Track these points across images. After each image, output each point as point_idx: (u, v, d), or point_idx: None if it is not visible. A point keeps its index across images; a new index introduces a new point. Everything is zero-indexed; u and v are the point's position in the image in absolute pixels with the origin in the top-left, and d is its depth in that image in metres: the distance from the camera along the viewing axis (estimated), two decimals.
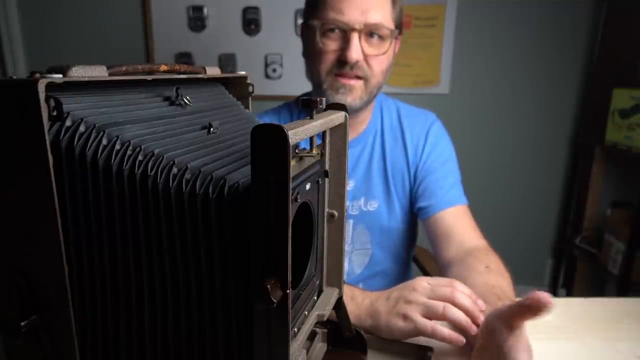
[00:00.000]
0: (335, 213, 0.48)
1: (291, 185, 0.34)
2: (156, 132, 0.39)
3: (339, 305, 0.51)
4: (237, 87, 0.57)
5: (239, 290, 0.35)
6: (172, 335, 0.38)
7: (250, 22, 1.83)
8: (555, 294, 2.13)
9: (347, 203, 0.88)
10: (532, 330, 0.66)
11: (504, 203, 2.06)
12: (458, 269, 0.73)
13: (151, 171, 0.35)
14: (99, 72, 0.37)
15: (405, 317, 0.56)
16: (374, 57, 0.79)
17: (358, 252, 0.93)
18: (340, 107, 0.45)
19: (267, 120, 0.95)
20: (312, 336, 0.57)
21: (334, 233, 0.48)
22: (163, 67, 0.44)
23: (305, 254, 0.43)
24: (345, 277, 0.92)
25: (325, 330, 0.56)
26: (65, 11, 1.79)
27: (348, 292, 0.63)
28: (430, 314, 0.55)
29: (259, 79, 1.88)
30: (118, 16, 1.81)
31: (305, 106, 0.38)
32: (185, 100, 0.45)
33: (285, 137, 0.29)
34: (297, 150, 0.39)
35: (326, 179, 0.46)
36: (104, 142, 0.35)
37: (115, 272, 0.37)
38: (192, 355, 0.37)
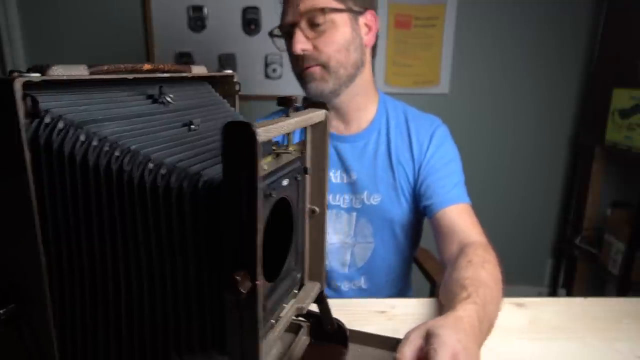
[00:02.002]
0: (316, 209, 0.49)
1: (266, 181, 0.35)
2: (135, 129, 0.40)
3: (321, 299, 0.51)
4: (225, 86, 0.58)
5: (212, 282, 0.36)
6: (148, 328, 0.39)
7: (250, 22, 1.83)
8: (555, 294, 2.13)
9: (328, 197, 0.88)
10: (533, 330, 0.67)
11: (504, 203, 2.06)
12: (449, 268, 0.73)
13: (127, 166, 0.36)
14: (80, 72, 0.38)
15: None
16: (320, 40, 0.81)
17: (360, 245, 0.94)
18: (321, 105, 0.46)
19: (275, 116, 0.97)
20: (296, 329, 0.58)
21: (315, 228, 0.49)
22: (146, 67, 0.45)
23: (286, 248, 0.44)
24: (347, 269, 0.93)
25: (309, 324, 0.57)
26: (65, 11, 1.80)
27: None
28: None
29: (259, 79, 1.88)
30: (118, 16, 1.81)
31: (281, 104, 0.40)
32: (168, 99, 0.46)
33: (253, 134, 0.30)
34: (273, 147, 0.40)
35: (307, 176, 0.47)
36: (82, 138, 0.36)
37: (93, 265, 0.38)
38: (167, 346, 0.38)
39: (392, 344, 0.56)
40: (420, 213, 0.92)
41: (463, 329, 0.51)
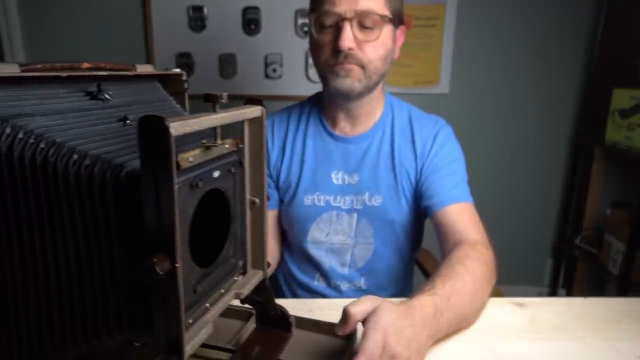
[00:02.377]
0: (257, 200, 0.51)
1: (193, 172, 0.38)
2: (66, 123, 0.42)
3: (263, 287, 0.54)
4: (174, 84, 0.60)
5: (139, 266, 0.38)
6: (78, 311, 0.41)
7: (250, 22, 1.83)
8: (555, 294, 2.13)
9: (329, 199, 0.90)
10: (533, 330, 0.67)
11: (504, 203, 2.06)
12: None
13: (52, 158, 0.38)
14: (11, 69, 0.40)
15: None
16: (367, 44, 0.80)
17: (361, 246, 0.94)
18: (257, 102, 0.48)
19: (277, 119, 0.97)
20: (247, 317, 0.61)
21: (257, 219, 0.52)
22: (85, 65, 0.47)
23: (226, 237, 0.47)
24: (347, 270, 0.93)
25: None
26: (65, 11, 1.80)
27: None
28: None
29: (259, 79, 1.88)
30: (118, 16, 1.81)
31: (207, 101, 0.42)
32: (107, 95, 0.48)
33: (165, 128, 0.32)
34: (203, 141, 0.43)
35: (246, 168, 0.49)
36: (7, 131, 0.38)
37: (22, 254, 0.41)
38: (98, 331, 0.41)
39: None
40: (422, 214, 0.92)
41: (409, 315, 0.54)
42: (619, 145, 1.70)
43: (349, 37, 0.78)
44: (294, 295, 1.00)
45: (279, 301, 0.58)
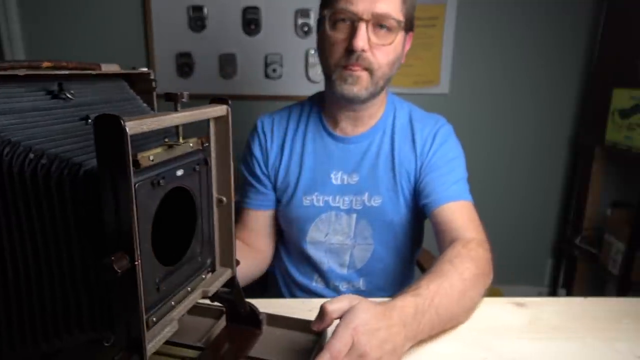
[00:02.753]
0: (224, 198, 0.51)
1: (154, 171, 0.38)
2: (24, 122, 0.42)
3: (232, 284, 0.54)
4: (141, 84, 0.59)
5: (97, 264, 0.38)
6: (37, 310, 0.41)
7: (250, 22, 1.83)
8: (555, 294, 2.13)
9: (327, 199, 0.90)
10: (533, 330, 0.67)
11: (504, 203, 2.06)
12: None
13: (6, 157, 0.38)
14: None
15: None
16: (380, 47, 0.80)
17: (360, 247, 0.93)
18: (223, 101, 0.48)
19: (277, 118, 0.97)
20: (218, 315, 0.61)
21: (224, 217, 0.52)
22: (46, 64, 0.46)
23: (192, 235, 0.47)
24: (346, 270, 0.93)
25: None
26: (65, 11, 1.80)
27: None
28: None
29: (259, 79, 1.88)
30: (118, 16, 1.81)
31: (168, 100, 0.42)
32: (68, 95, 0.48)
33: (121, 127, 0.33)
34: (166, 140, 0.43)
35: (212, 167, 0.49)
36: None
37: None
38: (58, 330, 0.41)
39: (307, 326, 0.59)
40: (421, 214, 0.92)
41: (387, 316, 0.53)
42: (619, 145, 1.70)
43: (363, 38, 0.77)
44: (293, 296, 1.00)
45: (279, 301, 0.59)
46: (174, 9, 1.80)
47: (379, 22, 0.78)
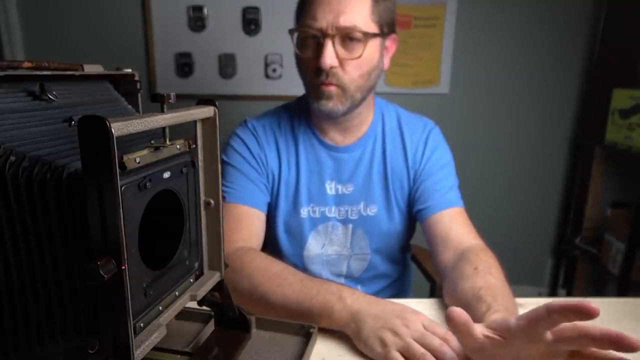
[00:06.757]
0: (212, 201, 0.50)
1: (141, 173, 0.37)
2: (4, 124, 0.41)
3: (221, 288, 0.54)
4: (126, 85, 0.58)
5: (83, 269, 0.37)
6: (20, 315, 0.40)
7: (250, 22, 1.83)
8: (555, 294, 2.13)
9: (323, 210, 0.88)
10: None
11: (504, 203, 2.06)
12: (451, 274, 0.72)
13: None
14: None
15: (384, 344, 0.56)
16: (349, 62, 0.77)
17: (357, 258, 0.92)
18: (210, 102, 0.48)
19: (267, 122, 0.92)
20: (206, 319, 0.61)
21: (212, 220, 0.51)
22: (26, 64, 0.45)
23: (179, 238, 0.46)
24: (343, 280, 0.93)
25: None
26: (65, 11, 1.80)
27: (335, 290, 0.63)
28: (408, 355, 0.55)
29: (259, 79, 1.88)
30: (118, 16, 1.81)
31: (154, 101, 0.41)
32: (50, 96, 0.47)
33: (107, 128, 0.32)
34: (152, 141, 0.42)
35: (200, 169, 0.49)
36: None
37: None
38: (41, 337, 0.40)
39: (295, 329, 0.60)
40: (413, 219, 0.92)
41: None
42: (619, 145, 1.70)
43: (330, 55, 0.75)
44: None
45: None
46: (173, 9, 1.80)
47: (346, 35, 0.76)
